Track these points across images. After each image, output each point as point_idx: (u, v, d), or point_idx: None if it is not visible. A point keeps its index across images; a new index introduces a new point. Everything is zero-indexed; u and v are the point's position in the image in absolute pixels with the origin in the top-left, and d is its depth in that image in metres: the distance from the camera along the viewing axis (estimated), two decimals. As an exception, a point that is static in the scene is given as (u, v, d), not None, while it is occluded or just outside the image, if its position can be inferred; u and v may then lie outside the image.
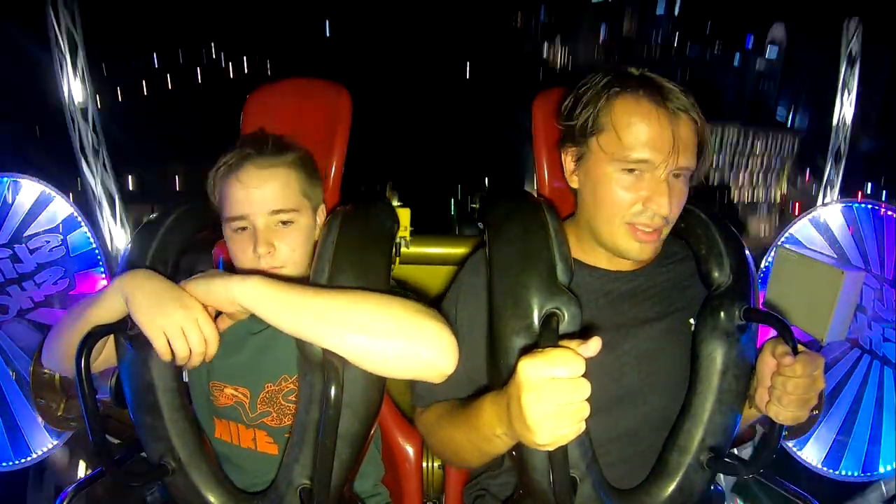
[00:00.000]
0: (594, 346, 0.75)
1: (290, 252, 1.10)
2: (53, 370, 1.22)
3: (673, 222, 1.05)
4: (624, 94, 1.01)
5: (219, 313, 0.99)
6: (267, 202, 1.08)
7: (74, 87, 4.78)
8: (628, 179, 1.01)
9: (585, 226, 1.12)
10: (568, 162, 1.11)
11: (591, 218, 1.09)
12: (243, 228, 1.09)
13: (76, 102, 4.89)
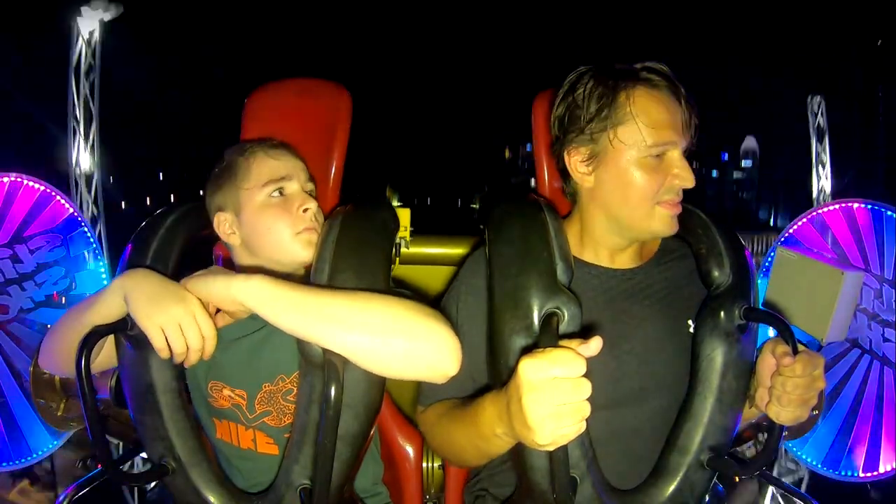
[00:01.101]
0: (595, 345, 0.75)
1: (320, 219, 1.15)
2: (51, 372, 1.22)
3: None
4: (638, 86, 1.04)
5: (218, 310, 0.99)
6: (304, 171, 1.17)
7: (83, 157, 4.88)
8: (654, 163, 1.04)
9: (606, 219, 1.11)
10: (576, 164, 1.09)
11: (620, 210, 1.08)
12: (280, 193, 1.13)
13: (83, 170, 4.98)
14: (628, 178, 1.05)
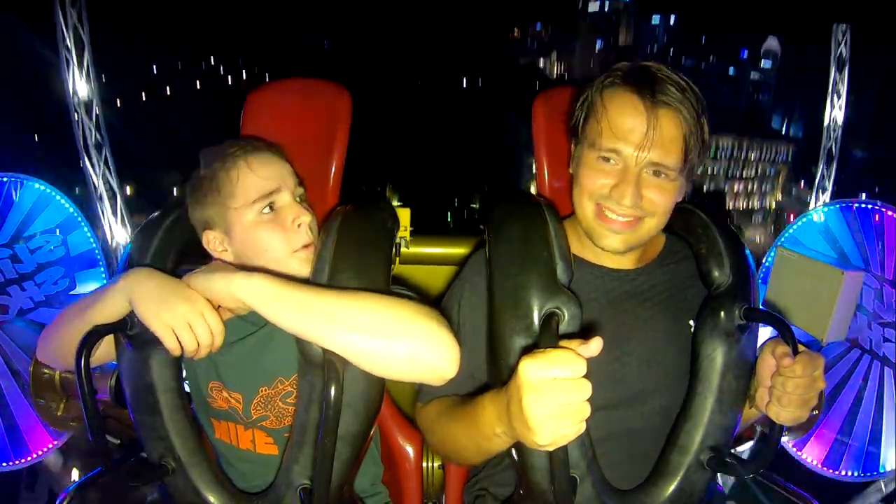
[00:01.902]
0: (595, 346, 0.75)
1: (314, 227, 1.11)
2: (50, 366, 1.22)
3: (655, 218, 1.04)
4: (613, 85, 1.03)
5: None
6: (292, 176, 1.12)
7: (79, 85, 4.98)
8: (603, 165, 1.04)
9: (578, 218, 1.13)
10: (573, 155, 1.14)
11: (574, 202, 1.11)
12: (271, 209, 1.08)
13: (80, 98, 5.06)
14: (579, 171, 1.07)
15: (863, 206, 2.39)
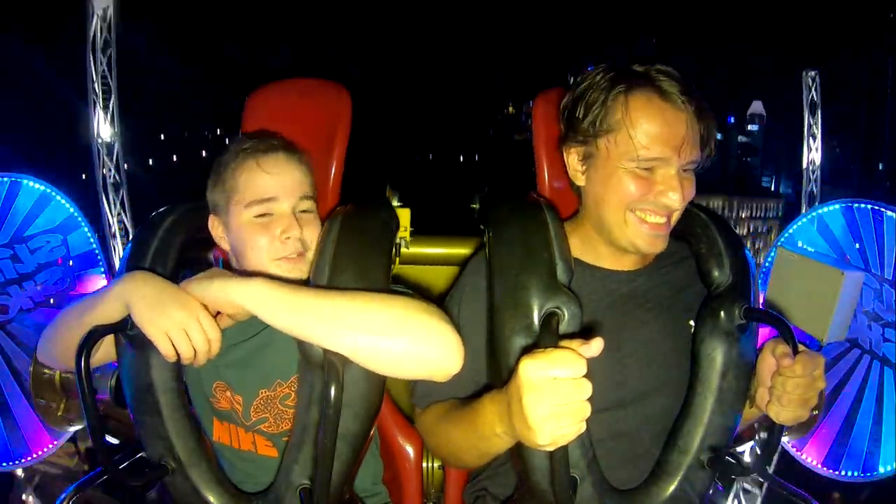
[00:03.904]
0: (595, 346, 0.75)
1: (312, 241, 1.09)
2: (51, 367, 1.23)
3: (683, 206, 1.05)
4: (632, 92, 1.01)
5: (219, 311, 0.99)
6: (296, 187, 1.10)
7: (103, 128, 5.31)
8: (641, 174, 1.02)
9: (592, 223, 1.11)
10: (573, 160, 1.10)
11: (599, 212, 1.08)
12: (267, 215, 1.07)
13: (104, 140, 5.39)
14: (612, 183, 1.04)
15: (863, 206, 2.39)
